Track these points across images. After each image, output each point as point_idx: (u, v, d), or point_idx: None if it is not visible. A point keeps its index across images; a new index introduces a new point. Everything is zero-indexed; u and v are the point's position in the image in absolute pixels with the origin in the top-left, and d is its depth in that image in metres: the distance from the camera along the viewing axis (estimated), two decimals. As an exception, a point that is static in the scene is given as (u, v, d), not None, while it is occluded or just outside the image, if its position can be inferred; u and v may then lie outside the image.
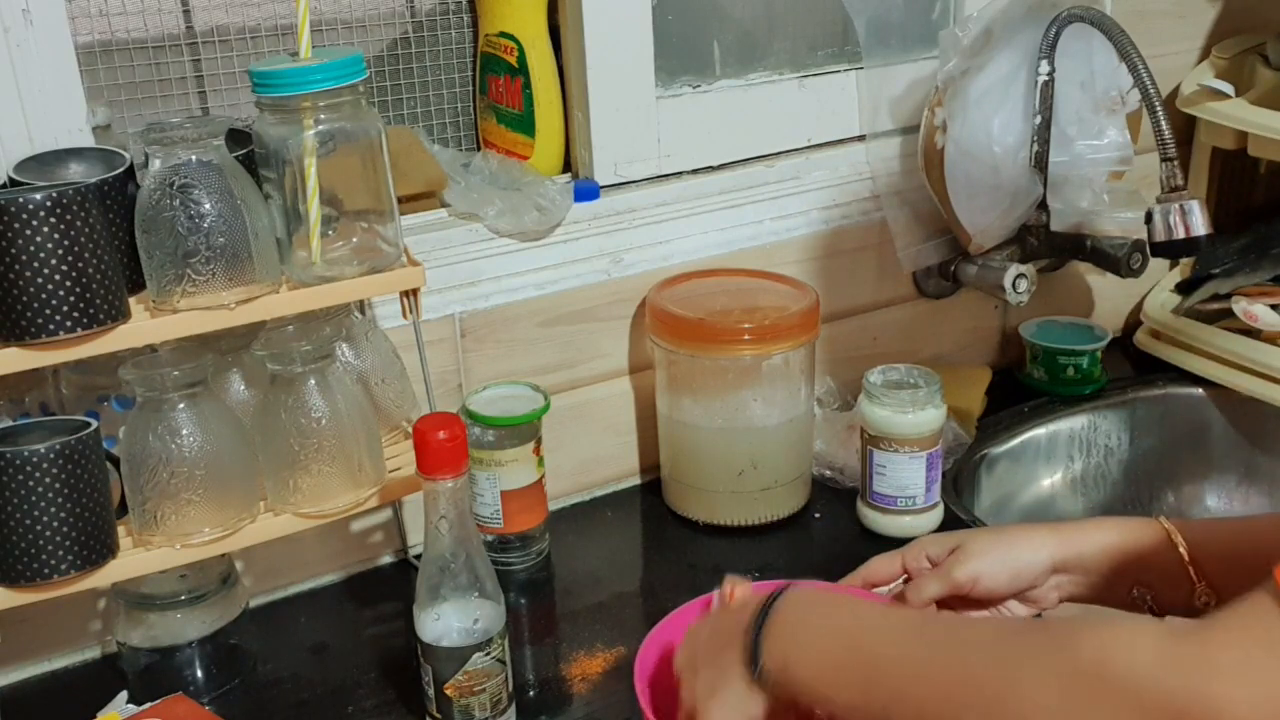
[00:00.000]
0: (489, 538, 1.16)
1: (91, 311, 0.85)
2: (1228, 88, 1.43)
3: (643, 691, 0.84)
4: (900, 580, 0.95)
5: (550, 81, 1.22)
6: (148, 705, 0.97)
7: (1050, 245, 1.36)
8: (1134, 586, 0.88)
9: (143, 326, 0.90)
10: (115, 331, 0.88)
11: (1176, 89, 1.50)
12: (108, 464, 0.93)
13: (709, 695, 0.79)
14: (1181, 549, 0.86)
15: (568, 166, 1.27)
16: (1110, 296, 1.59)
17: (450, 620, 0.90)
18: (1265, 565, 0.84)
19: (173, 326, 0.90)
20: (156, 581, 0.99)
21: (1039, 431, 1.43)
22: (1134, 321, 1.57)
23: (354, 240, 0.98)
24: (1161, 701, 0.58)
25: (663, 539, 1.24)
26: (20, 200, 0.82)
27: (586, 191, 1.22)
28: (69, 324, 0.85)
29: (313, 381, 0.96)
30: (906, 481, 1.17)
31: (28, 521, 0.87)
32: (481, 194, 1.17)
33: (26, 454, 0.86)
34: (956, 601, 0.91)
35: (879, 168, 1.36)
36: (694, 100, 1.28)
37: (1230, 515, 1.45)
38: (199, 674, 1.03)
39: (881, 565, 0.96)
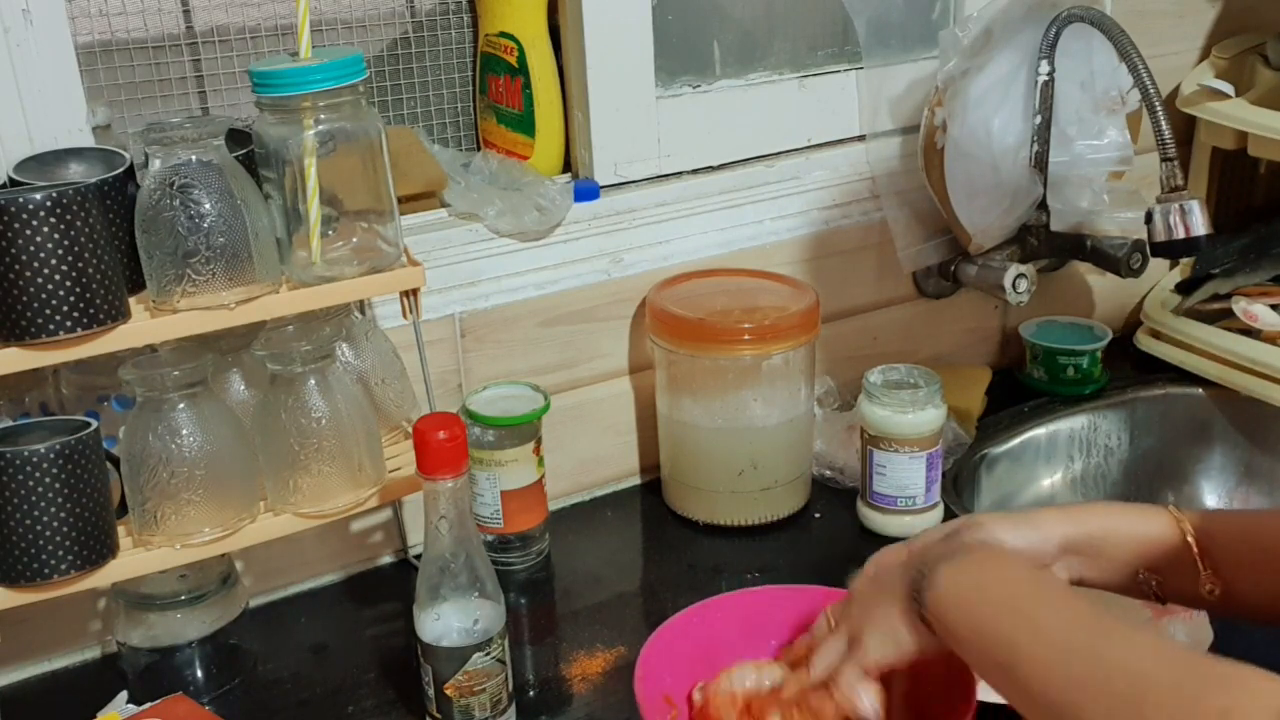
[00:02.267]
0: (489, 538, 1.16)
1: (91, 311, 0.85)
2: (1228, 88, 1.44)
3: (644, 697, 0.85)
4: None
5: (550, 81, 1.22)
6: (148, 705, 0.97)
7: (1050, 245, 1.36)
8: (1140, 571, 0.88)
9: (143, 326, 0.90)
10: (115, 331, 0.88)
11: (1176, 89, 1.50)
12: (108, 464, 0.93)
13: (866, 620, 0.82)
14: (1190, 538, 0.86)
15: (568, 166, 1.27)
16: (1110, 296, 1.59)
17: (450, 620, 0.90)
18: (1273, 560, 0.84)
19: (173, 326, 0.90)
20: (156, 581, 0.99)
21: (1039, 431, 1.43)
22: (1134, 321, 1.57)
23: (354, 240, 0.98)
24: None
25: (663, 539, 1.24)
26: (20, 200, 0.82)
27: (586, 191, 1.22)
28: (69, 324, 0.85)
29: (313, 381, 0.96)
30: (906, 481, 1.17)
31: (28, 521, 0.87)
32: (481, 194, 1.17)
33: (26, 454, 0.86)
34: None
35: (879, 168, 1.36)
36: (694, 100, 1.28)
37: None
38: (199, 674, 1.03)
39: (889, 556, 0.95)
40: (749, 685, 0.89)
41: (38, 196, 0.82)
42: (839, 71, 1.35)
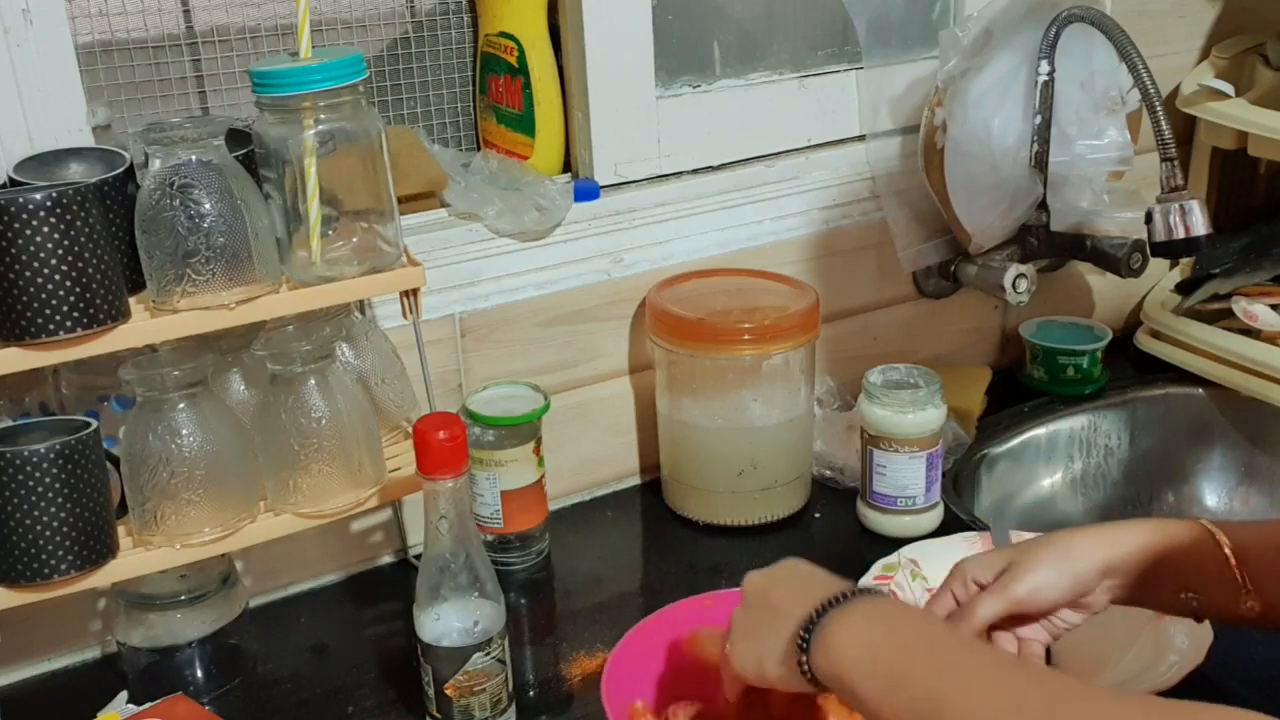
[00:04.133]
0: (489, 538, 1.16)
1: (91, 311, 0.85)
2: (1228, 88, 1.43)
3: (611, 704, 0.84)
4: None
5: (550, 81, 1.22)
6: (148, 705, 0.97)
7: (1050, 245, 1.35)
8: (1180, 590, 0.87)
9: (143, 326, 0.90)
10: (115, 331, 0.88)
11: (1176, 89, 1.50)
12: (108, 464, 0.93)
13: (746, 631, 0.79)
14: (1227, 550, 0.85)
15: (568, 166, 1.27)
16: (1110, 296, 1.59)
17: (450, 620, 0.90)
18: None
19: (173, 326, 0.90)
20: (156, 581, 0.99)
21: (1039, 431, 1.43)
22: (1134, 321, 1.57)
23: (354, 240, 0.98)
24: None
25: (663, 539, 1.24)
26: (20, 200, 0.82)
27: (586, 191, 1.22)
28: (69, 324, 0.85)
29: (313, 381, 0.96)
30: (906, 481, 1.17)
31: (28, 521, 0.87)
32: (481, 194, 1.17)
33: (26, 454, 0.86)
34: (1010, 621, 0.89)
35: (879, 168, 1.36)
36: (694, 100, 1.28)
37: (1266, 518, 1.43)
38: (199, 674, 1.03)
39: (936, 604, 0.93)
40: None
41: (38, 196, 0.82)
42: (839, 71, 1.35)
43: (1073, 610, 0.89)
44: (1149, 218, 1.22)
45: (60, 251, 0.83)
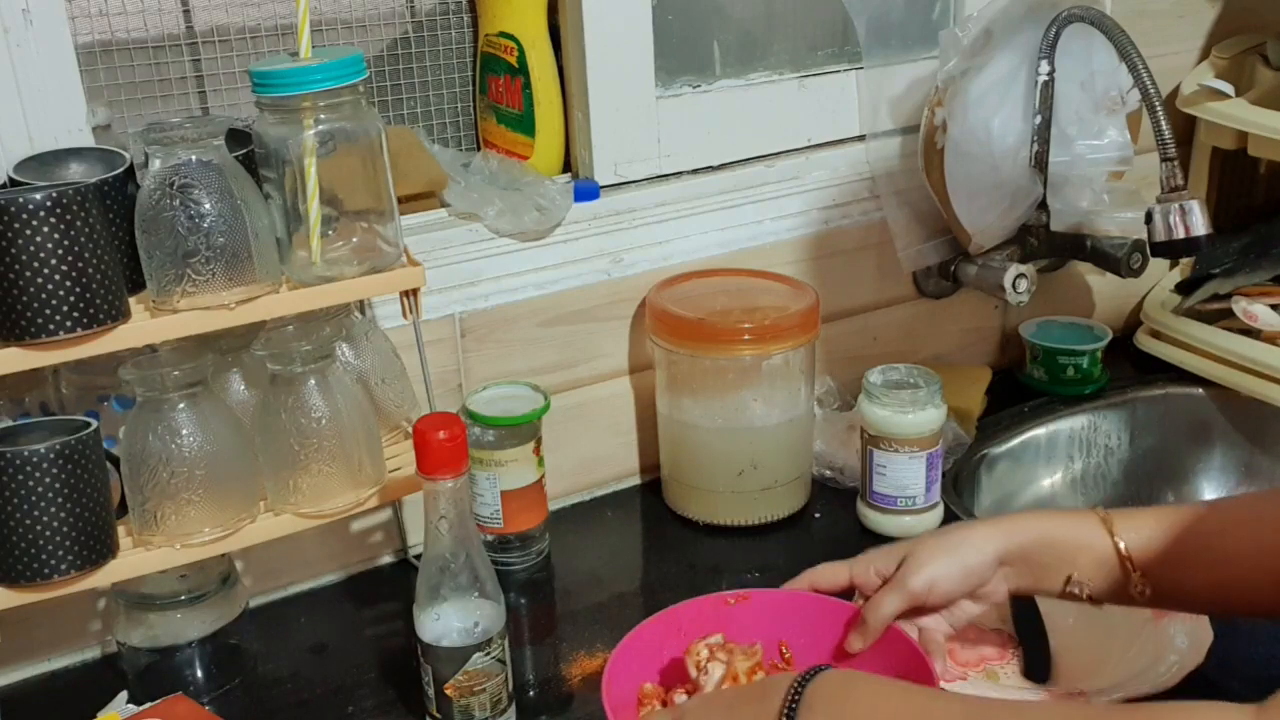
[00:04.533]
0: (489, 538, 1.16)
1: (91, 311, 0.85)
2: (1228, 88, 1.44)
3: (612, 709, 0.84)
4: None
5: (550, 81, 1.22)
6: (148, 705, 0.97)
7: (1050, 245, 1.35)
8: (1072, 577, 0.90)
9: (143, 326, 0.90)
10: (115, 331, 0.88)
11: (1176, 89, 1.50)
12: (108, 464, 0.93)
13: None
14: (1118, 540, 0.88)
15: (568, 166, 1.27)
16: (1110, 296, 1.59)
17: (450, 620, 0.90)
18: (1198, 555, 0.86)
19: (173, 326, 0.90)
20: (156, 581, 0.99)
21: (1039, 431, 1.43)
22: (1134, 321, 1.57)
23: (354, 240, 0.98)
24: None
25: (663, 539, 1.24)
26: (20, 200, 0.82)
27: (586, 191, 1.22)
28: (69, 324, 0.84)
29: (313, 381, 0.96)
30: (906, 481, 1.17)
31: (28, 521, 0.87)
32: (481, 194, 1.17)
33: (26, 454, 0.86)
34: (911, 611, 0.92)
35: (879, 168, 1.36)
36: (694, 100, 1.28)
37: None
38: (199, 674, 1.03)
39: (829, 572, 0.96)
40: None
41: (38, 196, 0.82)
42: (839, 71, 1.35)
43: (972, 601, 0.93)
44: (1149, 218, 1.22)
45: (60, 251, 0.83)
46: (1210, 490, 1.47)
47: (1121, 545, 0.88)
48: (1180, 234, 1.21)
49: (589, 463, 1.29)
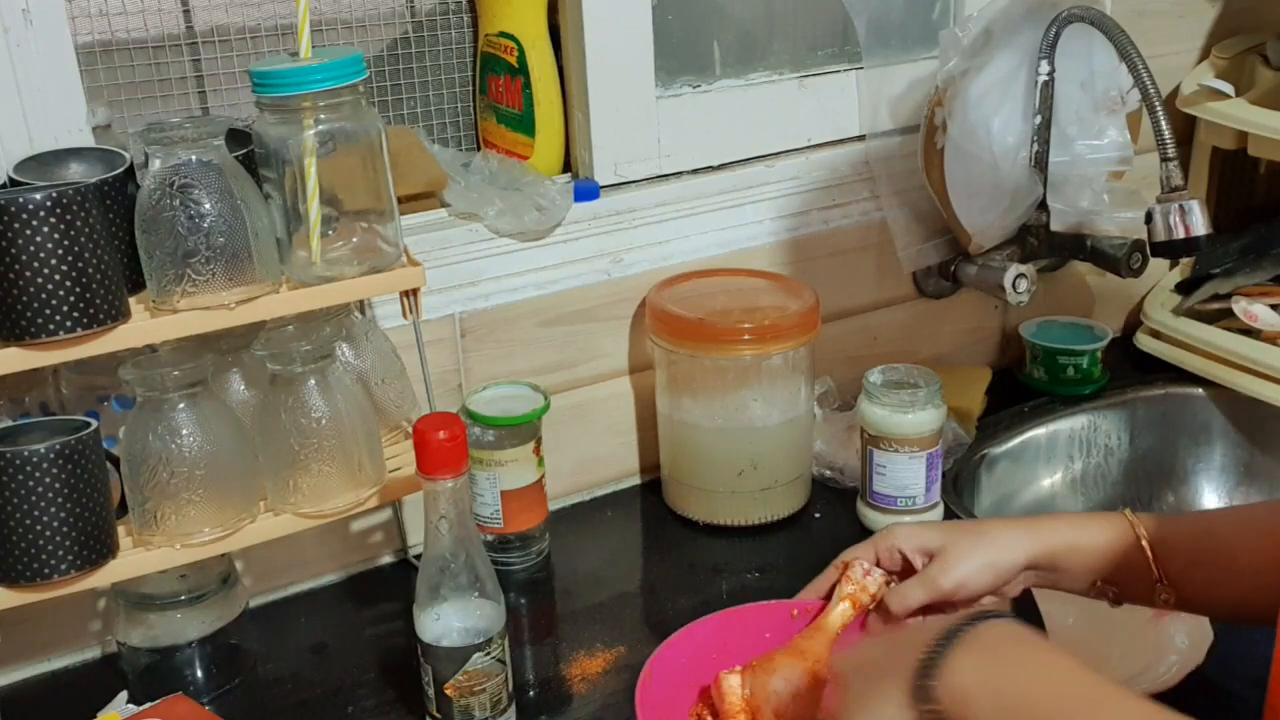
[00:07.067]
0: (489, 538, 1.16)
1: (91, 311, 0.85)
2: (1228, 88, 1.43)
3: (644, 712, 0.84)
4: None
5: (550, 81, 1.22)
6: (148, 705, 0.97)
7: (1050, 245, 1.35)
8: (1098, 580, 0.90)
9: (143, 326, 0.90)
10: (115, 331, 0.88)
11: (1176, 89, 1.50)
12: (108, 464, 0.93)
13: (856, 711, 0.76)
14: (1145, 545, 0.88)
15: (568, 166, 1.27)
16: (1110, 296, 1.59)
17: (450, 620, 0.90)
18: (1224, 565, 0.86)
19: (173, 326, 0.90)
20: (156, 581, 0.99)
21: (1039, 431, 1.43)
22: (1134, 321, 1.57)
23: (354, 240, 0.98)
24: None
25: (663, 539, 1.24)
26: (20, 200, 0.82)
27: (586, 191, 1.22)
28: (69, 324, 0.84)
29: (313, 381, 0.96)
30: (906, 481, 1.17)
31: (28, 521, 0.87)
32: (481, 194, 1.17)
33: (26, 454, 0.86)
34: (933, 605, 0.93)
35: (879, 168, 1.36)
36: (694, 100, 1.28)
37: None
38: (199, 674, 1.03)
39: (856, 552, 0.98)
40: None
41: (38, 196, 0.82)
42: (839, 71, 1.35)
43: (990, 598, 0.94)
44: (1149, 218, 1.22)
45: (60, 251, 0.83)
46: (1210, 490, 1.47)
47: (1149, 553, 0.88)
48: (1180, 234, 1.21)
49: (589, 463, 1.29)
